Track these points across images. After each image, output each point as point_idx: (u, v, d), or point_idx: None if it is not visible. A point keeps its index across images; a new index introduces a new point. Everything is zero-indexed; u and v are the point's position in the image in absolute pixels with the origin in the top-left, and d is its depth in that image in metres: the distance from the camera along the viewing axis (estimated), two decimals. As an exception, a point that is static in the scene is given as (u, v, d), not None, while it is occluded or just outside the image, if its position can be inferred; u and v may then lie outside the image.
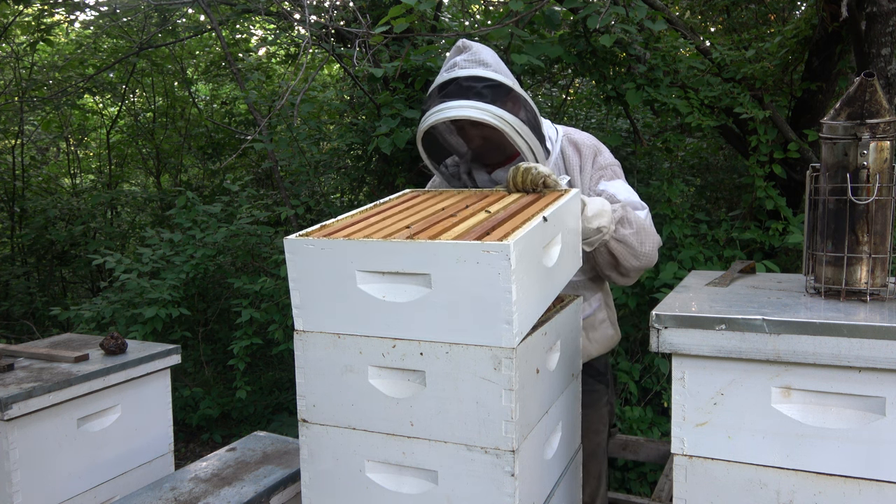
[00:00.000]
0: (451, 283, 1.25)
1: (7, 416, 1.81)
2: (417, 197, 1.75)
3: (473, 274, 1.23)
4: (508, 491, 1.28)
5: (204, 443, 4.80)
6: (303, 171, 4.85)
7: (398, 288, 1.31)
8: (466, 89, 1.73)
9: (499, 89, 1.75)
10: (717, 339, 1.22)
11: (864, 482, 1.16)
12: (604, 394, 2.16)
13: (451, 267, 1.24)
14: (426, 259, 1.26)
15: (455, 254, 1.24)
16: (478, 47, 1.82)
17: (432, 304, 1.28)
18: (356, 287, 1.33)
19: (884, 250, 1.34)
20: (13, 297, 6.56)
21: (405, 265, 1.28)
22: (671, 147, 4.34)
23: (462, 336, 1.27)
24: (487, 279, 1.22)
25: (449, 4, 6.03)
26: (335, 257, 1.34)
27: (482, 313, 1.24)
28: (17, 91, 6.96)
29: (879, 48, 3.38)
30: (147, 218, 7.50)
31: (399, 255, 1.29)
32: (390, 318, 1.32)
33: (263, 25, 7.25)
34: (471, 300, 1.24)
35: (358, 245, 1.32)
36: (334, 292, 1.35)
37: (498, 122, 1.71)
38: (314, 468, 1.46)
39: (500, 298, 1.22)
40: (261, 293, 4.17)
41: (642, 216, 1.86)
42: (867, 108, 1.30)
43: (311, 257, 1.36)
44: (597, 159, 1.96)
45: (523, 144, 1.77)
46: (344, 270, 1.33)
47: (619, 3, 3.43)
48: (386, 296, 1.31)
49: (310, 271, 1.37)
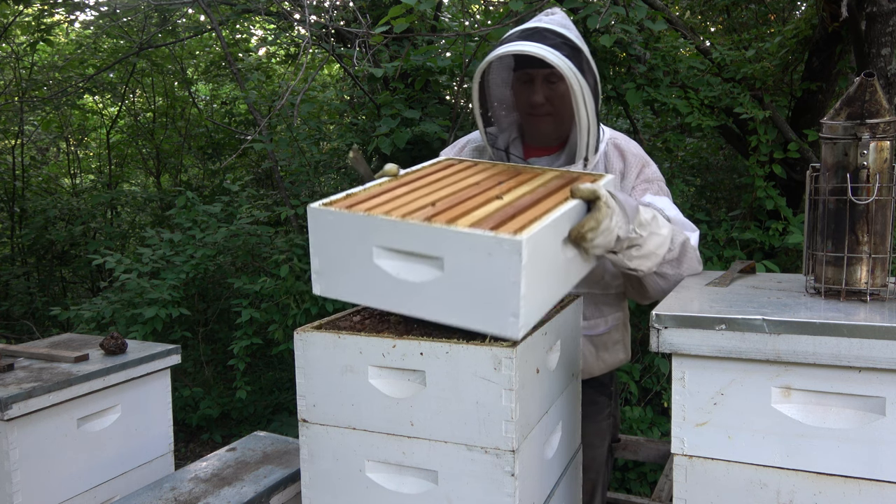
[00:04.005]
0: (463, 270, 1.26)
1: (7, 416, 1.81)
2: (453, 167, 1.74)
3: (485, 264, 1.23)
4: (508, 491, 1.28)
5: (204, 443, 4.80)
6: (303, 171, 4.85)
7: (412, 267, 1.32)
8: (549, 39, 1.66)
9: (579, 54, 1.69)
10: (717, 339, 1.22)
11: (864, 482, 1.16)
12: (605, 406, 2.03)
13: (464, 254, 1.25)
14: (440, 243, 1.27)
15: (468, 242, 1.24)
16: (563, 15, 1.78)
17: (443, 287, 1.28)
18: (372, 261, 1.35)
19: (884, 250, 1.34)
20: (13, 297, 6.56)
21: (420, 247, 1.29)
22: (671, 147, 4.34)
23: (470, 321, 1.27)
24: (498, 271, 1.22)
25: (449, 4, 6.03)
26: (354, 230, 1.35)
27: (490, 303, 1.24)
28: (17, 91, 6.96)
29: (879, 48, 3.38)
30: (147, 218, 7.50)
31: (414, 236, 1.30)
32: (403, 296, 1.33)
33: (263, 25, 7.25)
34: (480, 289, 1.25)
35: (376, 221, 1.34)
36: (351, 262, 1.37)
37: (572, 77, 1.63)
38: (314, 468, 1.46)
39: (508, 291, 1.22)
40: (261, 293, 4.17)
41: (694, 244, 1.71)
42: (867, 108, 1.30)
43: (331, 227, 1.38)
44: (644, 171, 1.87)
45: (584, 116, 1.69)
46: (362, 243, 1.35)
47: (619, 3, 3.43)
48: (400, 273, 1.33)
49: (330, 240, 1.40)
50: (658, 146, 4.61)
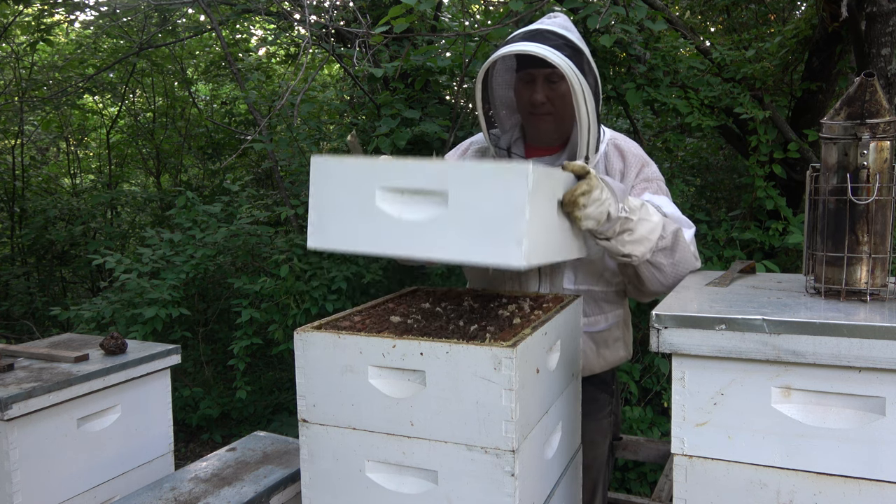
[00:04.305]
0: (468, 201, 1.27)
1: (7, 416, 1.81)
2: None
3: (491, 192, 1.25)
4: (508, 491, 1.28)
5: (204, 443, 4.80)
6: (303, 171, 4.84)
7: (415, 206, 1.33)
8: (551, 40, 1.71)
9: (580, 55, 1.73)
10: (717, 339, 1.22)
11: (864, 482, 1.16)
12: (606, 404, 2.04)
13: (470, 185, 1.27)
14: (446, 177, 1.29)
15: (475, 172, 1.27)
16: (565, 18, 1.83)
17: (446, 224, 1.29)
18: (374, 205, 1.35)
19: (884, 250, 1.34)
20: (13, 297, 6.56)
21: (424, 183, 1.31)
22: (671, 147, 4.34)
23: (473, 255, 1.28)
24: (504, 197, 1.24)
25: (449, 4, 6.03)
26: (358, 176, 1.37)
27: (494, 231, 1.25)
28: (17, 91, 6.96)
29: (879, 48, 3.38)
30: (147, 218, 7.50)
31: (419, 173, 1.32)
32: (404, 238, 1.34)
33: (263, 25, 7.25)
34: (485, 219, 1.26)
35: (381, 164, 1.37)
36: (352, 210, 1.38)
37: (573, 77, 1.67)
38: (314, 468, 1.46)
39: (513, 216, 1.23)
40: (261, 293, 4.17)
41: (688, 238, 1.76)
42: (867, 108, 1.30)
43: (334, 176, 1.40)
44: (643, 170, 1.89)
45: (584, 115, 1.71)
46: (365, 187, 1.36)
47: (619, 3, 3.43)
48: (402, 214, 1.34)
49: (331, 189, 1.41)
50: (658, 146, 4.61)
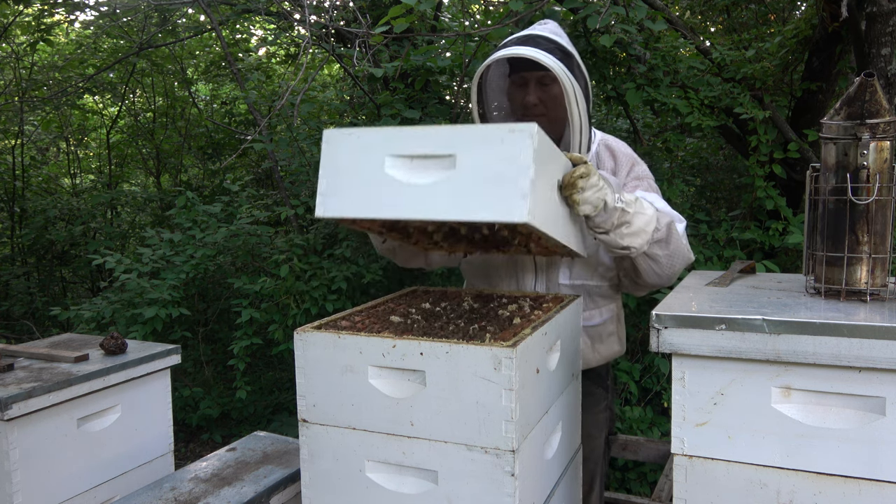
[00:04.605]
0: (475, 162, 1.32)
1: (7, 416, 1.81)
2: None
3: (497, 151, 1.30)
4: (508, 491, 1.28)
5: (204, 443, 4.80)
6: (303, 171, 4.84)
7: (423, 170, 1.37)
8: (543, 45, 1.79)
9: (570, 58, 1.82)
10: (717, 339, 1.22)
11: (864, 482, 1.16)
12: (602, 398, 2.10)
13: (477, 146, 1.32)
14: (454, 141, 1.35)
15: (483, 133, 1.33)
16: (555, 24, 1.91)
17: (453, 185, 1.33)
18: (383, 171, 1.39)
19: (884, 250, 1.34)
20: (13, 297, 6.56)
21: (433, 148, 1.36)
22: (671, 147, 4.34)
23: (478, 213, 1.31)
24: (510, 155, 1.29)
25: (449, 4, 6.03)
26: (368, 145, 1.43)
27: (500, 188, 1.29)
28: (17, 91, 6.96)
29: (879, 48, 3.38)
30: (147, 218, 7.50)
31: (429, 139, 1.37)
32: (411, 200, 1.37)
33: (263, 25, 7.25)
34: (491, 176, 1.30)
35: (391, 132, 1.42)
36: (360, 178, 1.42)
37: (565, 79, 1.75)
38: (314, 468, 1.46)
39: (519, 173, 1.28)
40: (261, 293, 4.16)
41: (680, 231, 1.81)
42: (867, 108, 1.30)
43: (345, 146, 1.45)
44: (634, 168, 1.96)
45: (576, 115, 1.78)
46: (375, 155, 1.41)
47: (619, 3, 3.43)
48: (411, 178, 1.37)
49: (341, 159, 1.45)
50: (658, 146, 4.61)
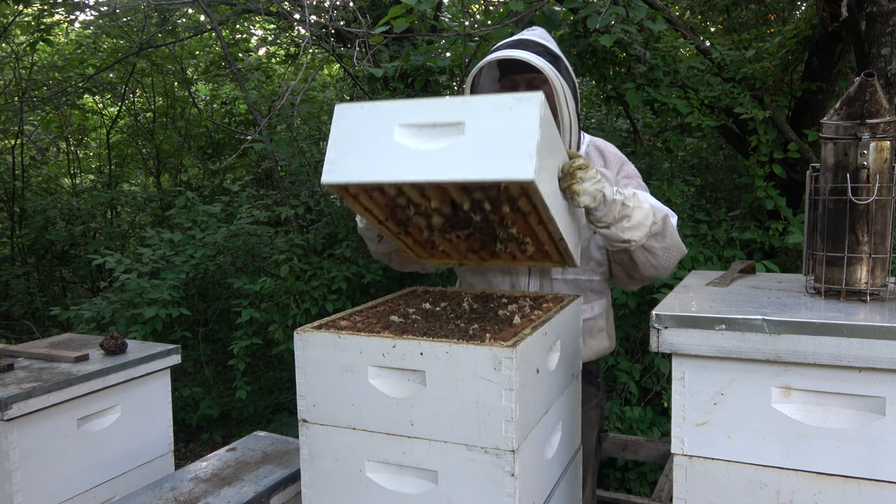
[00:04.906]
0: (483, 128, 1.37)
1: (7, 416, 1.81)
2: None
3: (505, 118, 1.36)
4: (508, 491, 1.28)
5: (204, 443, 4.79)
6: (303, 171, 4.85)
7: (432, 137, 1.41)
8: (532, 48, 1.86)
9: (559, 61, 1.89)
10: (717, 339, 1.22)
11: (864, 482, 1.16)
12: (593, 395, 2.13)
13: (486, 114, 1.37)
14: (464, 110, 1.39)
15: (492, 102, 1.38)
16: (543, 31, 1.98)
17: (460, 149, 1.38)
18: (393, 139, 1.43)
19: (884, 250, 1.34)
20: (13, 297, 6.56)
21: (443, 117, 1.41)
22: (671, 147, 4.34)
23: (484, 173, 1.35)
24: (517, 120, 1.35)
25: (449, 4, 6.03)
26: (378, 117, 1.47)
27: (506, 150, 1.34)
28: (17, 91, 6.96)
29: (879, 48, 3.38)
30: (147, 218, 7.50)
31: (439, 109, 1.42)
32: (418, 164, 1.40)
33: (263, 25, 7.25)
34: (498, 139, 1.35)
35: (401, 103, 1.46)
36: (370, 146, 1.46)
37: (555, 79, 1.81)
38: (314, 468, 1.46)
39: (525, 135, 1.33)
40: (261, 293, 4.17)
41: (674, 224, 1.86)
42: (867, 108, 1.30)
43: (356, 118, 1.49)
44: (623, 167, 2.02)
45: (566, 115, 1.83)
46: (385, 124, 1.45)
47: (619, 3, 3.43)
48: (419, 145, 1.41)
49: (352, 129, 1.48)
50: (658, 146, 4.61)
